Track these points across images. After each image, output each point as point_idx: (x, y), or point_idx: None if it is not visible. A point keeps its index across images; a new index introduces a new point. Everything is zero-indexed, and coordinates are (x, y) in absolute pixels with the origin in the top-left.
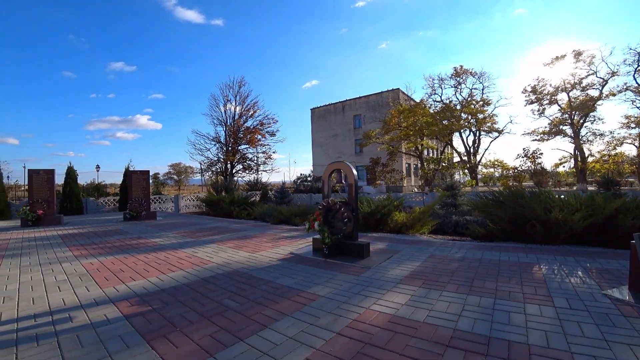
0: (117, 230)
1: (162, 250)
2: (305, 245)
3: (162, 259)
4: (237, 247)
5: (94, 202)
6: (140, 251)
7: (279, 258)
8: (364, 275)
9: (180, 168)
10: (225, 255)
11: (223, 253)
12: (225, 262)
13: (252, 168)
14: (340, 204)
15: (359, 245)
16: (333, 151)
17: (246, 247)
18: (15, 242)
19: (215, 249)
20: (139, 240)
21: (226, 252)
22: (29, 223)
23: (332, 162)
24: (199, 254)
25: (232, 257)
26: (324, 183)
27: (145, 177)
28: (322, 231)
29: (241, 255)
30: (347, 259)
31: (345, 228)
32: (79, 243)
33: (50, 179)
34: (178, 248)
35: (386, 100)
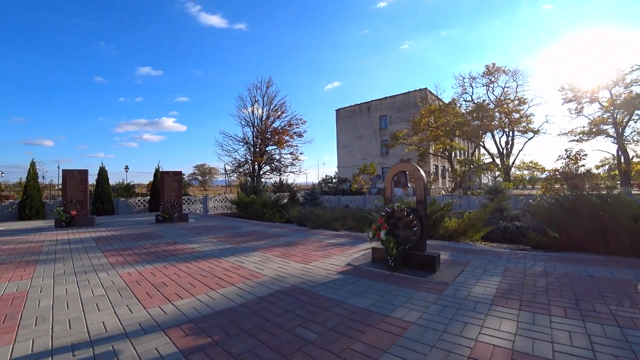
0: (151, 234)
1: (204, 259)
2: (360, 254)
3: (206, 269)
4: (285, 255)
5: (125, 202)
6: (180, 259)
7: (338, 271)
8: (446, 294)
9: (204, 169)
10: (275, 266)
11: (272, 263)
12: (278, 275)
13: (279, 169)
14: (408, 210)
15: (429, 257)
16: (358, 152)
17: (294, 256)
18: (49, 244)
19: (261, 259)
20: (175, 245)
21: (275, 262)
22: (62, 224)
23: (396, 164)
24: (245, 265)
25: (283, 268)
26: (385, 187)
27: (178, 179)
28: (388, 241)
29: (293, 267)
30: (416, 272)
31: (414, 237)
32: (113, 248)
33: (83, 179)
34: (220, 256)
35: (413, 101)
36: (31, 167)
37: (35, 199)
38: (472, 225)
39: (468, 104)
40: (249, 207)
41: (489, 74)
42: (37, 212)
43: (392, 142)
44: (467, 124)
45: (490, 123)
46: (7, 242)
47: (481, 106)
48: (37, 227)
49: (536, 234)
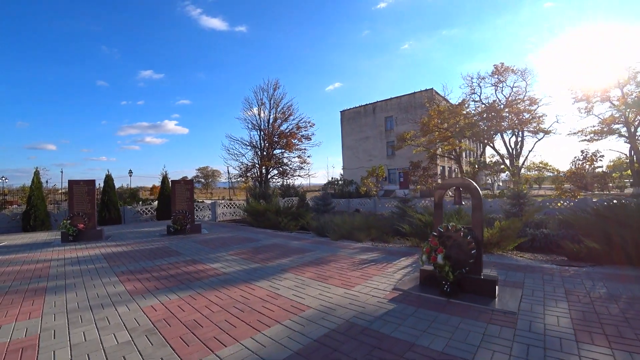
0: (165, 249)
1: (233, 284)
2: (401, 274)
3: (240, 300)
4: (321, 277)
5: (132, 210)
6: (206, 285)
7: (387, 298)
8: (521, 328)
9: (207, 172)
10: (315, 292)
11: (310, 289)
12: (323, 306)
13: (287, 173)
14: (465, 230)
15: (488, 282)
16: (364, 154)
17: (332, 278)
18: (57, 265)
19: (296, 282)
20: (196, 265)
21: (312, 287)
22: (69, 238)
23: (450, 178)
24: (282, 292)
25: (326, 296)
26: (437, 205)
27: (189, 187)
28: (444, 265)
29: (336, 293)
30: (474, 299)
31: (472, 261)
32: (127, 269)
33: (90, 190)
34: (249, 280)
35: (419, 101)
36: (35, 176)
37: (40, 209)
38: (506, 236)
39: (477, 104)
40: (263, 216)
41: (497, 74)
42: (42, 222)
43: (399, 143)
44: (477, 124)
45: (501, 123)
46: (12, 261)
47: (492, 107)
48: (42, 241)
49: (573, 245)
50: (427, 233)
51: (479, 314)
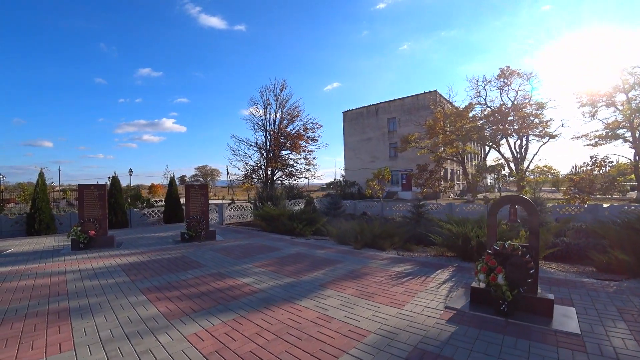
0: (185, 259)
1: (274, 304)
2: (445, 289)
3: (291, 325)
4: (364, 294)
5: (138, 213)
6: (246, 305)
7: (444, 318)
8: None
9: (206, 170)
10: (367, 313)
11: (360, 309)
12: (383, 330)
13: (293, 175)
14: (523, 249)
15: (545, 301)
16: (366, 155)
17: (376, 295)
18: (73, 278)
19: (341, 301)
20: (224, 279)
21: (361, 306)
22: (80, 245)
23: (505, 195)
24: (331, 313)
25: (380, 317)
26: (490, 226)
27: (204, 192)
28: (503, 285)
29: (389, 314)
30: (531, 319)
31: (531, 280)
32: (152, 284)
33: (101, 195)
34: (290, 298)
35: (423, 103)
36: (40, 177)
37: (45, 212)
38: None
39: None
40: (277, 221)
41: (503, 77)
42: (47, 226)
43: (404, 145)
44: (483, 128)
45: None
46: (24, 274)
47: (499, 110)
48: (51, 248)
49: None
50: (457, 244)
51: (543, 335)
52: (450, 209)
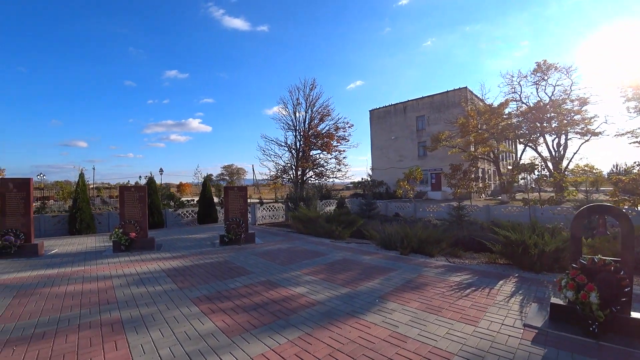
0: (229, 265)
1: (338, 319)
2: (515, 304)
3: (363, 344)
4: (431, 308)
5: (173, 213)
6: (307, 320)
7: (527, 339)
8: None
9: (232, 169)
10: (442, 331)
11: (433, 326)
12: (467, 352)
13: (323, 175)
14: (616, 265)
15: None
16: (394, 154)
17: (443, 309)
18: (120, 284)
19: (409, 316)
20: (276, 288)
21: (431, 322)
22: (122, 247)
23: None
24: (402, 331)
25: (457, 336)
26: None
27: (243, 195)
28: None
29: (465, 332)
30: (626, 341)
31: (626, 299)
32: (201, 294)
33: (142, 197)
34: (353, 312)
35: (452, 100)
36: (80, 178)
37: (86, 212)
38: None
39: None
40: (314, 223)
41: (539, 72)
42: (87, 226)
43: (434, 144)
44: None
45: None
46: (71, 277)
47: (538, 107)
48: (93, 248)
49: None
50: (516, 252)
51: None
52: (487, 211)
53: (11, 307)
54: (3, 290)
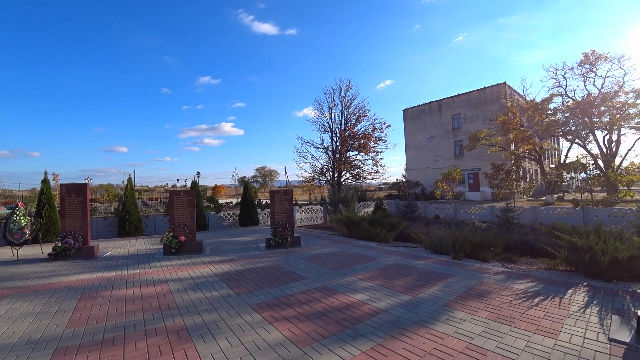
0: (280, 269)
1: (407, 329)
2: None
3: (442, 357)
4: (502, 319)
5: (215, 216)
6: (376, 330)
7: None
8: None
9: (265, 171)
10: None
11: (509, 338)
12: None
13: (360, 176)
14: None
15: None
16: (429, 154)
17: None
18: (177, 289)
19: (481, 326)
20: (335, 295)
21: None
22: (172, 250)
23: None
24: (478, 342)
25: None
26: None
27: (288, 198)
28: None
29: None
30: None
31: None
32: (260, 300)
33: (190, 200)
34: (421, 322)
35: (490, 97)
36: (128, 183)
37: (134, 215)
38: None
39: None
40: (358, 226)
41: (587, 63)
42: (135, 228)
43: (472, 143)
44: (567, 122)
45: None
46: (128, 281)
47: (588, 100)
48: (144, 251)
49: None
50: (584, 259)
51: None
52: (534, 213)
53: (78, 310)
54: (68, 293)
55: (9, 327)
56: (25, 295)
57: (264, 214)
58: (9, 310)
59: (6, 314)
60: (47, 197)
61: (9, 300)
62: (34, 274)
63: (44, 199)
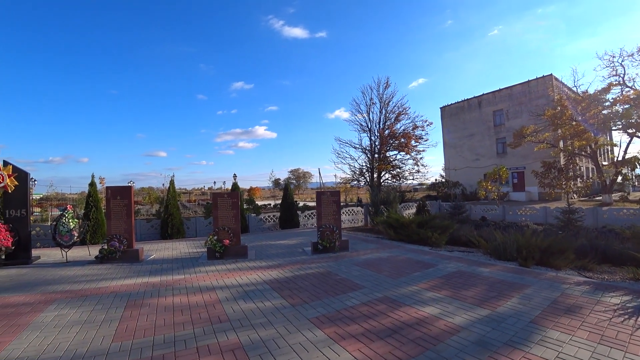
0: (333, 276)
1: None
2: None
3: None
4: (611, 342)
5: (255, 218)
6: (463, 353)
7: None
8: None
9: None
10: None
11: None
12: None
13: (400, 176)
14: None
15: None
16: (469, 153)
17: (627, 343)
18: (225, 297)
19: (588, 351)
20: (401, 308)
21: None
22: (216, 255)
23: None
24: None
25: None
26: None
27: (336, 200)
28: None
29: None
30: None
31: None
32: (318, 312)
33: (234, 203)
34: (514, 344)
35: (535, 91)
36: (171, 185)
37: (176, 217)
38: None
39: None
40: (407, 228)
41: None
42: (177, 230)
43: (517, 140)
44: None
45: None
46: (175, 287)
47: None
48: (187, 254)
49: None
50: None
51: None
52: (594, 215)
53: (124, 320)
54: (114, 299)
55: (55, 337)
56: (72, 301)
57: (304, 216)
58: (56, 317)
59: (53, 322)
60: (94, 200)
61: (56, 305)
62: (81, 277)
63: (91, 202)
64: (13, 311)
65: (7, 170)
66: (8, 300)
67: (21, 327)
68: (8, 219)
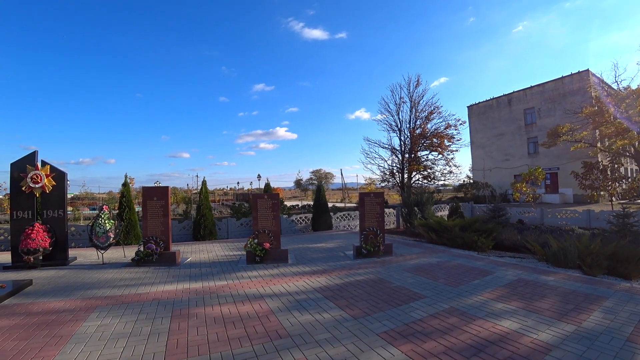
0: (387, 284)
1: None
2: None
3: None
4: None
5: (287, 219)
6: None
7: None
8: None
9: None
10: None
11: None
12: None
13: (431, 177)
14: None
15: None
16: (498, 153)
17: None
18: (279, 308)
19: None
20: (475, 321)
21: None
22: (256, 259)
23: None
24: None
25: None
26: None
27: (379, 201)
28: None
29: None
30: None
31: None
32: (387, 327)
33: (274, 204)
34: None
35: (569, 87)
36: (203, 186)
37: (209, 218)
38: None
39: None
40: (449, 232)
41: None
42: (210, 232)
43: (551, 139)
44: None
45: None
46: (219, 294)
47: None
48: (224, 257)
49: None
50: None
51: None
52: None
53: (173, 333)
54: (157, 308)
55: (101, 352)
56: (113, 309)
57: (336, 218)
58: (100, 328)
59: (97, 333)
60: (127, 200)
61: (98, 313)
62: (119, 280)
63: (125, 202)
64: (54, 319)
65: (45, 170)
66: (48, 305)
67: (64, 339)
68: (46, 219)
